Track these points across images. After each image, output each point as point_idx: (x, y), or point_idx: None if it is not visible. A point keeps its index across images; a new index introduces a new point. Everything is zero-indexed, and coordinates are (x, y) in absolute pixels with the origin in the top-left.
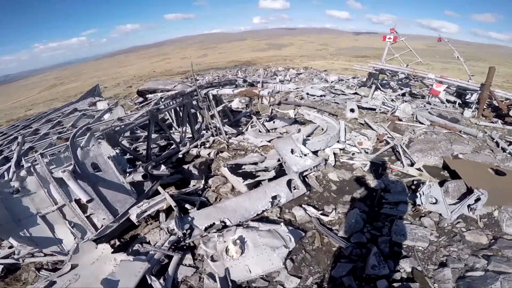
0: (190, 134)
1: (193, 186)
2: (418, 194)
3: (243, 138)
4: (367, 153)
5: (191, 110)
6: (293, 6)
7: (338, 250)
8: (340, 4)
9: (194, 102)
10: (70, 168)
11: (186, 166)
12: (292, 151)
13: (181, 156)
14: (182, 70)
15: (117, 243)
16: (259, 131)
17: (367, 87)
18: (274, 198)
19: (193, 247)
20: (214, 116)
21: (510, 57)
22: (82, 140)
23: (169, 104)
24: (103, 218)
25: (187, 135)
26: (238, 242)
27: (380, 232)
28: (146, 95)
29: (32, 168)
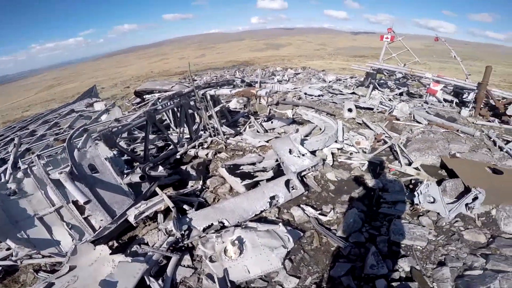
0: (188, 134)
1: (191, 187)
2: (416, 193)
3: (241, 139)
4: (365, 152)
5: (189, 110)
6: (291, 6)
7: (337, 250)
8: (338, 4)
9: (191, 103)
10: (67, 169)
11: (184, 167)
12: (290, 151)
13: (179, 157)
14: (180, 70)
15: (115, 245)
16: (257, 132)
17: (365, 87)
18: (273, 198)
19: (191, 248)
20: (212, 116)
21: (507, 56)
22: (79, 141)
23: (166, 104)
24: (101, 220)
25: (185, 136)
26: (236, 242)
27: (378, 231)
28: (144, 96)
29: (29, 169)
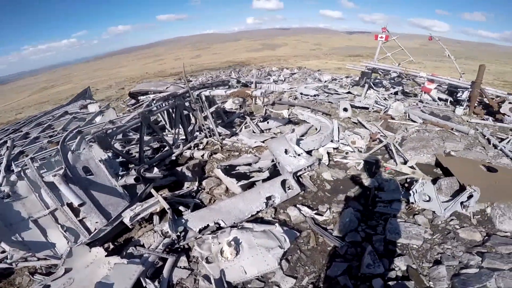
0: (183, 136)
1: (186, 188)
2: (411, 192)
3: (237, 139)
4: (361, 152)
5: (184, 111)
6: (286, 6)
7: (333, 249)
8: (333, 3)
9: (186, 104)
10: (61, 172)
11: (179, 168)
12: (286, 151)
13: (174, 158)
14: (175, 71)
15: (111, 247)
16: (253, 132)
17: (360, 86)
18: (269, 198)
19: (187, 249)
20: (207, 117)
21: (501, 55)
22: (73, 143)
23: (161, 106)
24: (96, 222)
25: (180, 137)
26: (232, 243)
27: (374, 230)
28: (138, 97)
29: (22, 172)
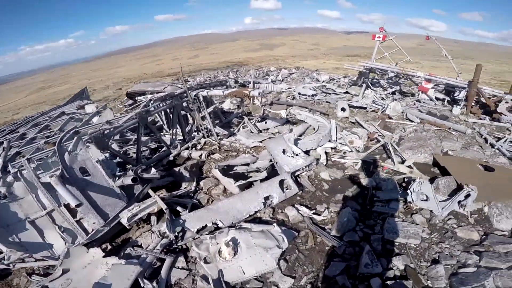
0: (181, 136)
1: (184, 188)
2: (409, 191)
3: (235, 139)
4: (358, 151)
5: (182, 112)
6: (284, 6)
7: (331, 249)
8: (331, 3)
9: (184, 104)
10: (58, 173)
11: (177, 169)
12: (283, 151)
13: (172, 158)
14: (173, 71)
15: (108, 247)
16: (251, 132)
17: (358, 86)
18: (267, 198)
19: (185, 250)
20: (204, 117)
21: (498, 54)
22: (69, 144)
23: (158, 106)
24: (94, 222)
25: (178, 137)
26: (230, 243)
27: (372, 230)
28: (136, 98)
29: (19, 173)
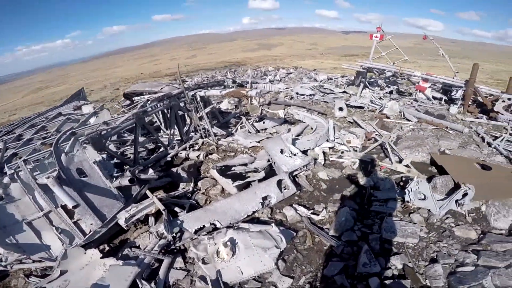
0: (178, 136)
1: (182, 189)
2: (406, 190)
3: (233, 139)
4: (356, 151)
5: (179, 112)
6: (282, 6)
7: (330, 249)
8: (329, 3)
9: (181, 104)
10: (55, 174)
11: (175, 169)
12: (281, 151)
13: (169, 159)
14: (170, 71)
15: (106, 248)
16: (249, 132)
17: (355, 86)
18: (265, 198)
19: (183, 250)
20: (202, 117)
21: (495, 54)
22: (66, 145)
23: (156, 106)
24: (91, 224)
25: (176, 138)
26: (228, 244)
27: (370, 229)
28: (133, 98)
29: (15, 174)
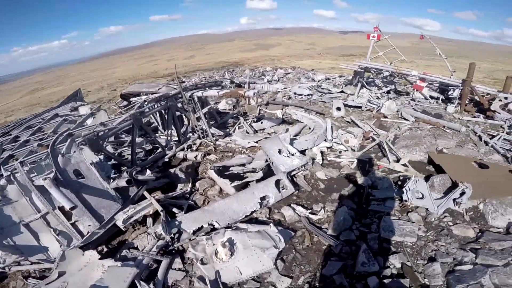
0: (176, 137)
1: (180, 189)
2: (404, 189)
3: (231, 140)
4: (354, 150)
5: (177, 112)
6: (280, 6)
7: (328, 248)
8: (326, 3)
9: (179, 105)
10: (51, 175)
11: (172, 170)
12: (279, 151)
13: (167, 160)
14: (168, 72)
15: (104, 249)
16: (247, 132)
17: (353, 86)
18: (263, 199)
19: (182, 251)
20: (200, 118)
21: (491, 53)
22: (63, 146)
23: (153, 107)
24: (89, 225)
25: (173, 139)
26: (227, 244)
27: (368, 228)
28: (130, 99)
29: (12, 176)
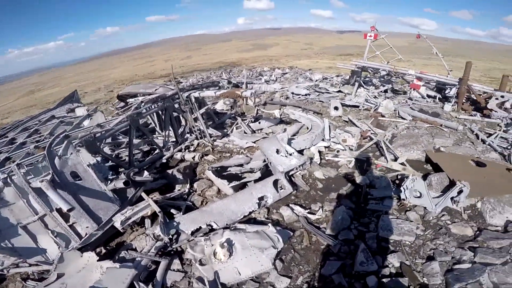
0: (173, 138)
1: (178, 190)
2: (402, 188)
3: (228, 140)
4: (352, 150)
5: (174, 113)
6: (277, 6)
7: (327, 248)
8: (324, 3)
9: (176, 105)
10: (48, 177)
11: (170, 171)
12: (277, 151)
13: (165, 161)
14: (165, 72)
15: (103, 251)
16: (244, 133)
17: (350, 85)
18: (261, 199)
19: (180, 252)
20: (197, 118)
21: (488, 52)
22: (60, 148)
23: (150, 108)
24: (87, 227)
25: (171, 139)
26: (225, 244)
27: (367, 228)
28: (127, 100)
29: (8, 179)
